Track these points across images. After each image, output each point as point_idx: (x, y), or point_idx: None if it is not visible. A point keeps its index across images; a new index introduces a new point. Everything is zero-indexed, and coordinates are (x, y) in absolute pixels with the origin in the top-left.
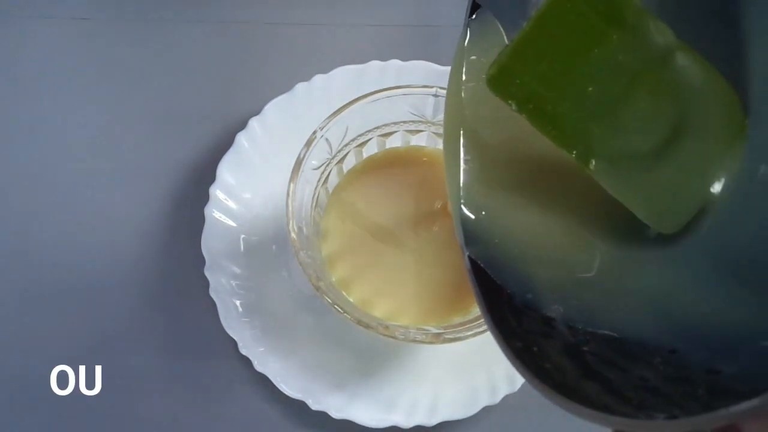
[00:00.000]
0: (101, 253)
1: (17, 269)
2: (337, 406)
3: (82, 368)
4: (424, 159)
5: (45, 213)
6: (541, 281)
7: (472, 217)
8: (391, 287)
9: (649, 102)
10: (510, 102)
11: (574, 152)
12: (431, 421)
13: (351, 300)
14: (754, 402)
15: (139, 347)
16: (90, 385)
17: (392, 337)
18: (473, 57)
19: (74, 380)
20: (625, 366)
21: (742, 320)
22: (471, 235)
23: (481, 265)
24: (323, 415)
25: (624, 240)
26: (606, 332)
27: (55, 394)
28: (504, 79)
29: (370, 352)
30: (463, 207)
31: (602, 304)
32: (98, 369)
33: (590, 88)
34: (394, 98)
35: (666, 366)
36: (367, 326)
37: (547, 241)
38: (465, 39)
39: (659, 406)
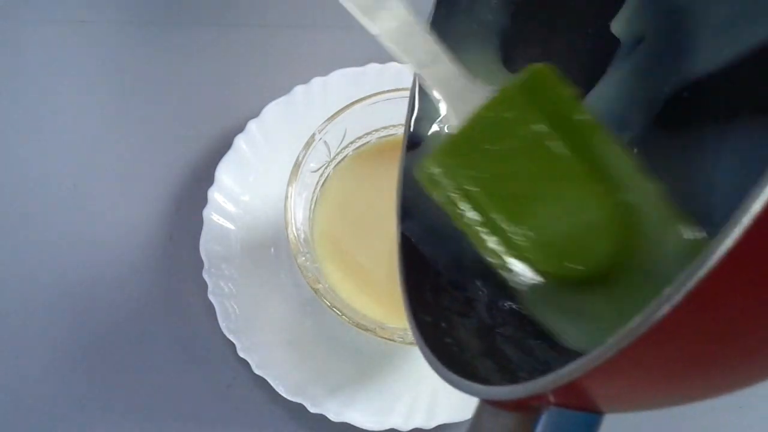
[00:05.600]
0: (99, 255)
1: (15, 271)
2: (335, 408)
3: (81, 369)
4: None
5: (43, 216)
6: (469, 258)
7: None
8: (387, 288)
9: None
10: (437, 197)
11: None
12: (430, 424)
13: (348, 302)
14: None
15: (137, 349)
16: (89, 385)
17: (390, 339)
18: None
19: (73, 382)
20: (533, 349)
21: None
22: (409, 207)
23: (413, 240)
24: (322, 418)
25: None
26: (526, 317)
27: (54, 394)
28: (434, 178)
29: (368, 354)
30: (404, 175)
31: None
32: (97, 370)
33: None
34: (393, 101)
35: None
36: (366, 329)
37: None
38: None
39: None
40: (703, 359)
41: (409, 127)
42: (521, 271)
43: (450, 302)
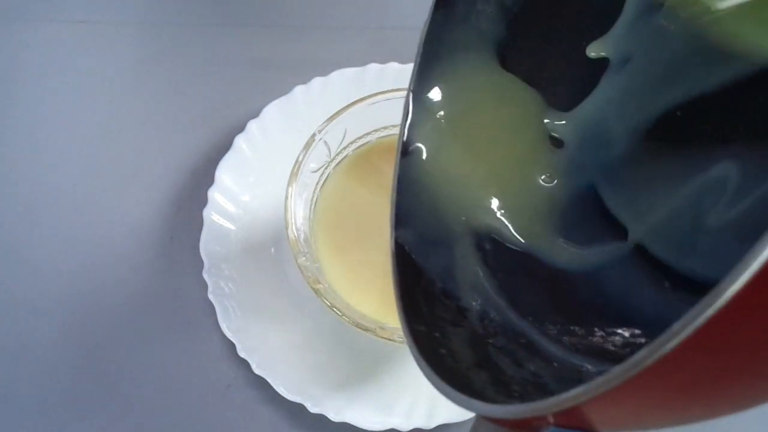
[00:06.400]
0: (99, 255)
1: (15, 271)
2: (335, 408)
3: (81, 368)
4: None
5: (44, 216)
6: (461, 267)
7: (416, 183)
8: (387, 288)
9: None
10: None
11: None
12: (430, 424)
13: (348, 302)
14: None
15: (137, 349)
16: (89, 386)
17: (390, 339)
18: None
19: (74, 382)
20: (524, 361)
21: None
22: (403, 215)
23: (407, 248)
24: (322, 418)
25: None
26: (517, 327)
27: (54, 395)
28: None
29: (368, 354)
30: (398, 183)
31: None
32: (97, 371)
33: None
34: (393, 101)
35: (563, 367)
36: (366, 329)
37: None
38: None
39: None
40: (705, 390)
41: (403, 134)
42: None
43: (443, 312)
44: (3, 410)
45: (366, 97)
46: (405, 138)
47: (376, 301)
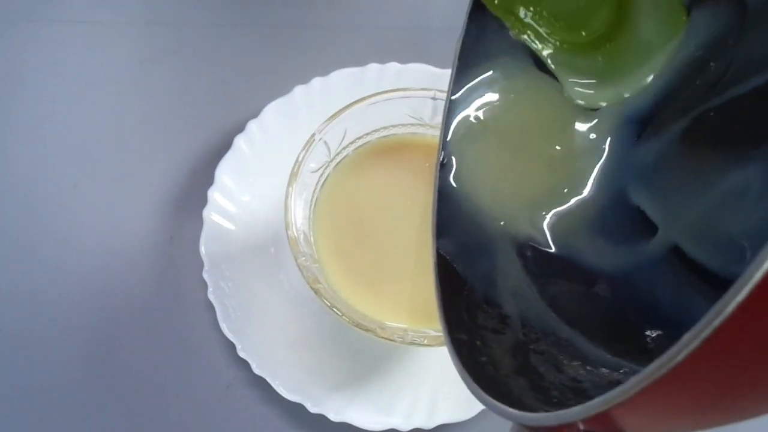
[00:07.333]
0: (99, 255)
1: (15, 271)
2: (335, 408)
3: (80, 370)
4: (421, 146)
5: (44, 216)
6: (502, 274)
7: (455, 193)
8: (387, 288)
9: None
10: None
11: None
12: (430, 424)
13: (348, 302)
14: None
15: (137, 349)
16: (89, 387)
17: (390, 339)
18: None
19: (74, 382)
20: (565, 366)
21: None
22: (443, 225)
23: (448, 258)
24: (322, 418)
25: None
26: (558, 332)
27: (54, 395)
28: None
29: (368, 354)
30: (438, 194)
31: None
32: (97, 371)
33: None
34: (393, 101)
35: (603, 370)
36: (366, 329)
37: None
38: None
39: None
40: (721, 396)
41: (442, 145)
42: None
43: (484, 320)
44: (3, 410)
45: (366, 97)
46: (443, 149)
47: (375, 300)
